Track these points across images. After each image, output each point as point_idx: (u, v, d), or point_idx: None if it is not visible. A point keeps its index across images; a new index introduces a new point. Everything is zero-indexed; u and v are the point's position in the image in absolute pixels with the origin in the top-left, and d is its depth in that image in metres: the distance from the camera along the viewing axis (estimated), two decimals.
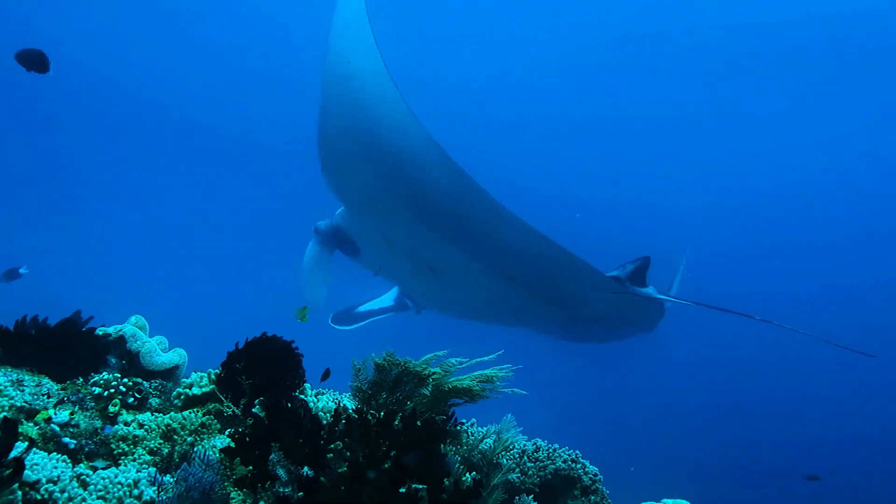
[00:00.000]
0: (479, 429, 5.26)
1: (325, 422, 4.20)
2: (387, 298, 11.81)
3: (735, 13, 34.86)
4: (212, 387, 4.46)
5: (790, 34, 35.12)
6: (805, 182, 42.64)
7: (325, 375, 5.41)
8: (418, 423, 4.02)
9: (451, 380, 4.13)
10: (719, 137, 42.56)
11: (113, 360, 5.00)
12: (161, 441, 4.06)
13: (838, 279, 41.41)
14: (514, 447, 5.77)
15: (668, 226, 41.39)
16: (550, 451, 5.99)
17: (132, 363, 4.97)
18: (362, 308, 11.75)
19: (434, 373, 4.05)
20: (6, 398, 3.80)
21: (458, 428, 4.53)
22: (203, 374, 4.61)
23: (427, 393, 4.05)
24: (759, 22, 35.08)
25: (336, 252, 10.87)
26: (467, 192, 8.38)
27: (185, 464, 3.67)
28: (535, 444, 6.02)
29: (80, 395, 4.39)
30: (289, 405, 4.02)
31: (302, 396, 4.46)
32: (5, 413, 3.70)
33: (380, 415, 4.05)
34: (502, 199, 8.18)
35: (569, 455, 5.96)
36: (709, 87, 39.67)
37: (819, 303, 38.00)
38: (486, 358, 4.43)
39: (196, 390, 4.49)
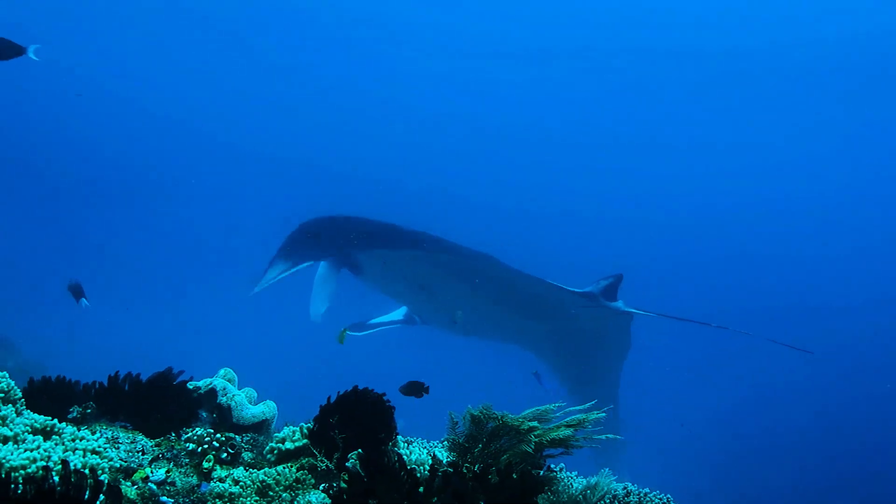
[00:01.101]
0: (569, 473, 5.15)
1: (419, 475, 4.15)
2: (397, 314, 13.30)
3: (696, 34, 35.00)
4: (304, 441, 4.44)
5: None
6: (774, 196, 43.52)
7: (417, 391, 5.38)
8: (514, 475, 3.95)
9: (548, 429, 4.06)
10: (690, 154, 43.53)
11: (204, 414, 5.03)
12: (257, 498, 4.05)
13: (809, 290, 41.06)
14: (604, 492, 5.63)
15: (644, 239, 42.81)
16: (641, 495, 5.80)
17: (223, 417, 4.98)
18: (374, 320, 13.29)
19: (533, 427, 3.97)
20: (105, 459, 3.84)
21: (553, 476, 4.44)
22: (295, 428, 4.60)
23: (524, 448, 3.97)
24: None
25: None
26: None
27: None
28: (625, 488, 5.86)
29: (175, 452, 4.42)
30: (385, 460, 3.98)
31: (395, 449, 4.42)
32: (105, 475, 3.74)
33: (475, 468, 3.98)
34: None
35: (660, 500, 5.78)
36: (677, 105, 40.13)
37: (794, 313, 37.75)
38: (579, 407, 4.36)
39: (289, 444, 4.47)
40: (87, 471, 3.66)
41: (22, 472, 3.43)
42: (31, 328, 23.91)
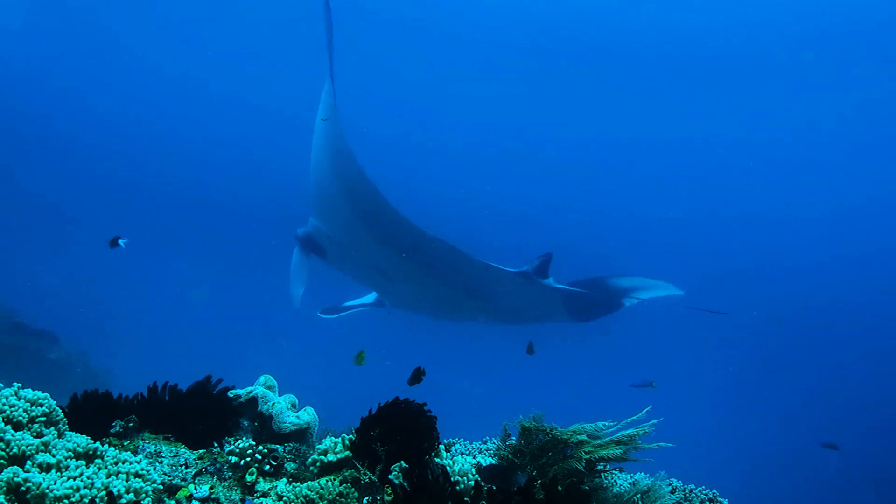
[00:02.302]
0: (614, 471, 5.08)
1: (462, 486, 4.10)
2: (368, 298, 14.31)
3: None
4: (347, 453, 4.40)
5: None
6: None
7: (417, 378, 5.32)
8: (559, 487, 3.88)
9: (599, 446, 3.99)
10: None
11: (245, 423, 5.00)
12: None
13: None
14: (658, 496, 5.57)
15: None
16: (686, 491, 5.74)
17: (264, 425, 4.96)
18: (346, 304, 14.24)
19: (583, 442, 3.90)
20: (148, 482, 3.81)
21: (598, 486, 4.37)
22: (337, 439, 4.55)
23: (574, 465, 3.91)
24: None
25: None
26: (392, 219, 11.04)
27: None
28: (670, 483, 5.78)
29: (218, 465, 4.40)
30: (427, 473, 3.93)
31: (437, 460, 4.36)
32: (148, 498, 3.71)
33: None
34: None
35: (706, 495, 5.70)
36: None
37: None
38: (633, 418, 4.28)
39: (331, 457, 4.43)
40: (131, 495, 3.65)
41: (66, 501, 3.41)
42: (72, 320, 24.22)
